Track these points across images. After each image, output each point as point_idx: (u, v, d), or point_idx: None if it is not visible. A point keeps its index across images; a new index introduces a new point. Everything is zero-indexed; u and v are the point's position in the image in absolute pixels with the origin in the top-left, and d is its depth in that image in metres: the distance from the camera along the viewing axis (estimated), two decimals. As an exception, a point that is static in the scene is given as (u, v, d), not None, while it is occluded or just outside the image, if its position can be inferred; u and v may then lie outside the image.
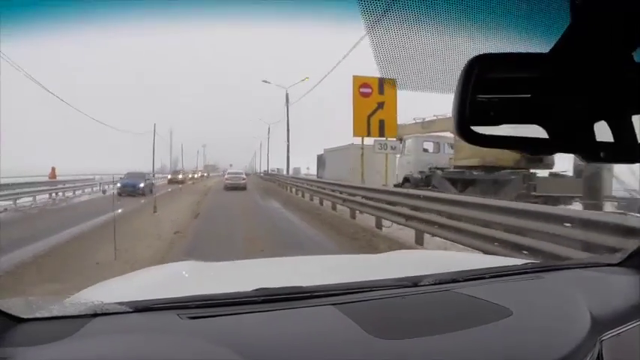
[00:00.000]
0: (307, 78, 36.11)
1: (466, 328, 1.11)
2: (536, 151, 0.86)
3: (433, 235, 8.14)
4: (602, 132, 0.77)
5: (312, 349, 1.05)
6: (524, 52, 0.81)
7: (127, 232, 8.42)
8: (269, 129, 56.74)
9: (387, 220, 10.34)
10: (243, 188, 29.12)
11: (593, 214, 5.65)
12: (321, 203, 17.75)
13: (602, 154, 0.79)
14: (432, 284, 1.41)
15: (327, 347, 1.06)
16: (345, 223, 12.34)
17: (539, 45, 0.81)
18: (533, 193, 10.94)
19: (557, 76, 0.77)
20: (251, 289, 1.28)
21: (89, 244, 7.86)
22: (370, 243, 9.00)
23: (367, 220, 11.86)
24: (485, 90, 0.77)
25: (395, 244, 7.96)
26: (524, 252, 5.34)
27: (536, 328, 1.15)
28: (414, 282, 1.41)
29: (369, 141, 16.33)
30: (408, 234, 9.14)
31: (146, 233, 9.26)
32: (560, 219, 5.15)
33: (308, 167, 66.06)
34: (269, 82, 35.99)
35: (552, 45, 0.76)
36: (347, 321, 1.14)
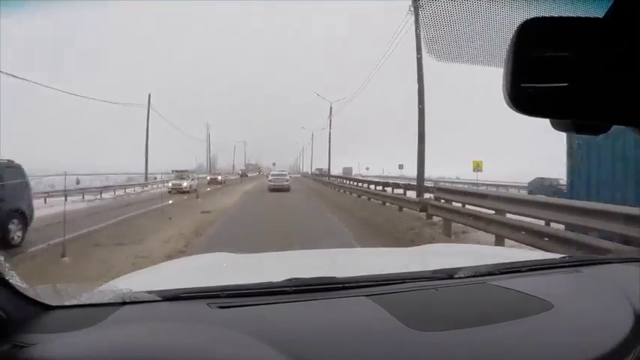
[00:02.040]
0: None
1: (505, 320, 1.07)
2: (590, 121, 0.76)
3: None
4: None
5: (346, 340, 1.01)
6: (574, 16, 0.77)
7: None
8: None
9: None
10: (286, 190, 28.46)
11: None
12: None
13: None
14: (468, 277, 1.37)
15: (363, 338, 1.02)
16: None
17: (589, 9, 0.78)
18: None
19: (608, 43, 0.73)
20: (282, 280, 1.25)
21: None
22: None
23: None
24: (537, 57, 0.73)
25: None
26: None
27: (578, 322, 1.11)
28: (449, 274, 1.38)
29: None
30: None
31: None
32: None
33: (367, 167, 62.21)
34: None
35: (604, 11, 0.73)
36: (382, 312, 1.11)
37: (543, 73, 0.73)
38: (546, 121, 0.78)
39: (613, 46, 0.72)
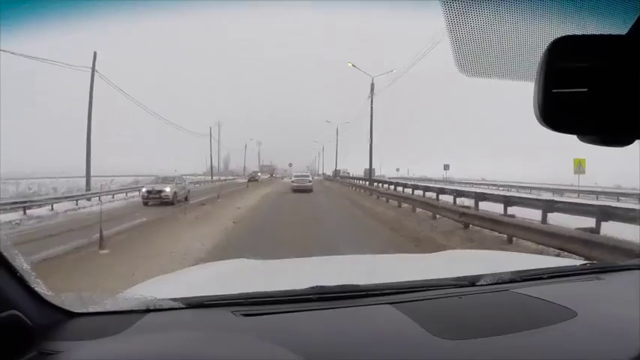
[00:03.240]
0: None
1: (530, 328, 1.08)
2: (619, 137, 0.80)
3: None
4: None
5: (371, 348, 1.02)
6: (600, 34, 0.79)
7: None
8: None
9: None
10: (309, 190, 28.55)
11: None
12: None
13: None
14: (490, 284, 1.39)
15: (388, 346, 1.03)
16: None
17: (615, 27, 0.80)
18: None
19: (632, 58, 0.75)
20: (305, 287, 1.26)
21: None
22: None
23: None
24: (566, 74, 0.76)
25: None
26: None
27: (601, 330, 1.11)
28: (472, 281, 1.39)
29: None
30: None
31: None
32: None
33: (398, 169, 58.64)
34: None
35: (629, 27, 0.75)
36: (406, 320, 1.12)
37: (572, 89, 0.75)
38: None
39: (636, 61, 0.74)
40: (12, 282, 0.99)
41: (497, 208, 12.13)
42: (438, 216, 12.34)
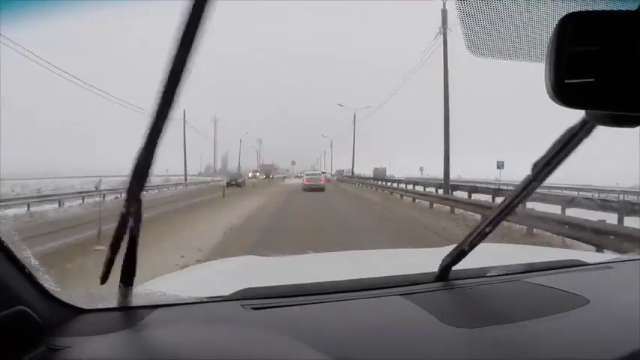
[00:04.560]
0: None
1: (541, 316, 1.07)
2: (628, 112, 0.79)
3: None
4: None
5: (383, 337, 1.01)
6: (610, 9, 0.80)
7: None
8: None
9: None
10: (321, 189, 27.97)
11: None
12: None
13: None
14: (501, 275, 1.39)
15: (400, 335, 1.03)
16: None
17: (626, 3, 0.80)
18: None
19: None
20: (315, 281, 1.26)
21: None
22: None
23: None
24: (579, 48, 0.75)
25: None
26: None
27: (615, 317, 1.11)
28: (483, 273, 1.39)
29: None
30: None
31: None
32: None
33: (421, 167, 53.37)
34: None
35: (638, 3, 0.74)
36: (418, 310, 1.11)
37: (583, 66, 0.75)
38: None
39: None
40: (20, 278, 0.98)
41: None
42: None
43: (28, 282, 1.00)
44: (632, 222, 8.30)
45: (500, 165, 25.00)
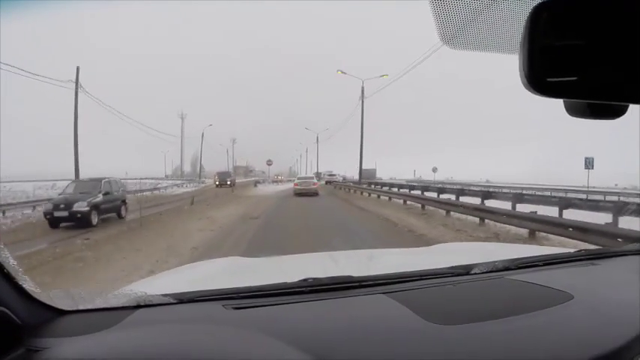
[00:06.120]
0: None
1: (526, 312, 1.07)
2: (606, 101, 0.79)
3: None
4: None
5: (366, 335, 1.01)
6: None
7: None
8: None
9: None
10: (314, 194, 24.92)
11: None
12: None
13: None
14: (485, 272, 1.38)
15: (383, 333, 1.02)
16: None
17: None
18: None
19: (626, 16, 0.73)
20: (297, 280, 1.25)
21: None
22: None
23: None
24: (553, 37, 0.74)
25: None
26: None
27: (600, 312, 1.10)
28: (466, 270, 1.38)
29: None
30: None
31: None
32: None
33: (435, 168, 44.17)
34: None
35: None
36: (401, 308, 1.10)
37: (558, 55, 0.74)
38: None
39: (625, 24, 0.73)
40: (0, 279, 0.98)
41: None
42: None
43: (7, 283, 1.00)
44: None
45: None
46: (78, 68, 24.64)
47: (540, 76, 0.74)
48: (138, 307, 1.13)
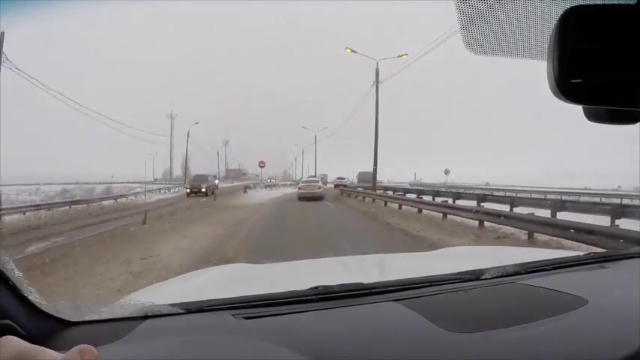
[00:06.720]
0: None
1: (541, 318, 1.05)
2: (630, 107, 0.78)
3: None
4: None
5: (378, 343, 0.99)
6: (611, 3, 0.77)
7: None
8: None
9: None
10: (319, 198, 23.70)
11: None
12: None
13: None
14: (495, 277, 1.37)
15: (395, 340, 1.00)
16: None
17: None
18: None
19: None
20: (307, 288, 1.23)
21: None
22: None
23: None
24: (584, 42, 0.74)
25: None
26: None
27: (616, 316, 1.09)
28: (477, 275, 1.37)
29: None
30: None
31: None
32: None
33: (447, 170, 41.11)
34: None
35: None
36: (412, 315, 1.09)
37: (585, 61, 0.73)
38: None
39: None
40: (5, 290, 0.95)
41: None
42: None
43: (12, 295, 0.97)
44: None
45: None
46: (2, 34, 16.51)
47: (569, 83, 0.73)
48: (146, 317, 1.11)
